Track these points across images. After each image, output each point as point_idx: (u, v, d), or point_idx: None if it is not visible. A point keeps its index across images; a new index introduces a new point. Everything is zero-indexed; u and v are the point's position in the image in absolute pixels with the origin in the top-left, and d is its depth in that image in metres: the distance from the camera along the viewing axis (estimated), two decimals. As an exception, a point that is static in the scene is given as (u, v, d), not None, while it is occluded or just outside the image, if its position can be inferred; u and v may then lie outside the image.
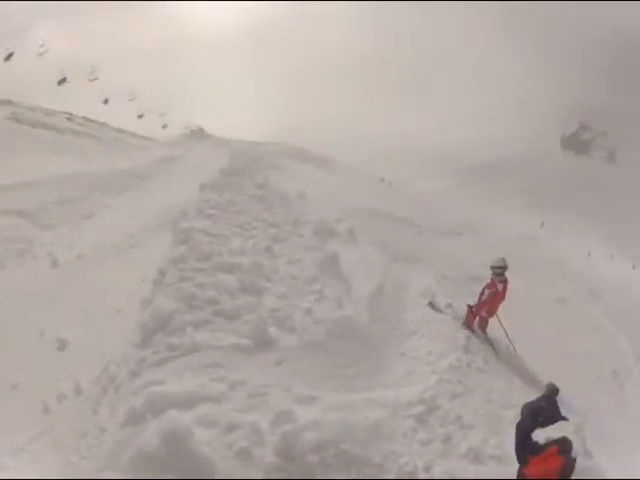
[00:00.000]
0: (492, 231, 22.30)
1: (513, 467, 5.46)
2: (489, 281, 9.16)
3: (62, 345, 7.40)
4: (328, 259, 8.86)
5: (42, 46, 39.72)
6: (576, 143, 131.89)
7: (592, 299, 14.66)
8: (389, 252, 11.92)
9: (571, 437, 2.43)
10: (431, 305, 9.38)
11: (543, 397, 2.66)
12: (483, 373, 7.49)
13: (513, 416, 6.52)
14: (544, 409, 2.58)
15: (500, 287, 9.03)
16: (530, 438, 2.44)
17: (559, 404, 2.69)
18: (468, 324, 9.09)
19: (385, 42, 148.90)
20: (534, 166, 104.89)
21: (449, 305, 9.74)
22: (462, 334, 8.48)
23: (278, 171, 17.23)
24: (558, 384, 7.98)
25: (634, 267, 48.19)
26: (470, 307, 9.21)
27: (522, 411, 2.59)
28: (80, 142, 27.22)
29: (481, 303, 9.11)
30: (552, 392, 2.67)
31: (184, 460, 4.34)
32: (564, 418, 2.59)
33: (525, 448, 2.40)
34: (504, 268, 9.02)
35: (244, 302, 6.86)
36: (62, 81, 38.67)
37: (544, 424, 2.50)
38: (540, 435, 2.46)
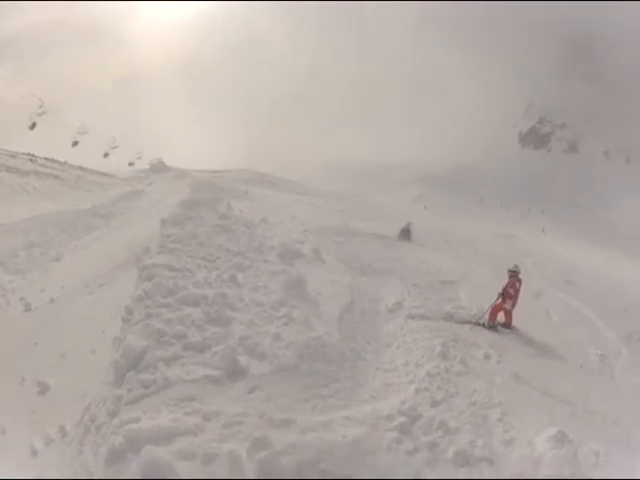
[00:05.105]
0: (462, 235, 22.42)
1: (503, 467, 5.54)
2: (509, 281, 10.44)
3: (43, 389, 7.22)
4: (293, 282, 8.86)
5: None
6: (535, 138, 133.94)
7: (568, 288, 14.86)
8: (356, 267, 11.94)
9: None
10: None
11: None
12: (463, 376, 7.57)
13: (498, 415, 6.64)
14: None
15: (518, 284, 10.43)
16: None
17: None
18: (492, 320, 10.22)
19: (328, 61, 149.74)
20: (495, 167, 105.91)
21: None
22: (438, 341, 8.52)
23: (240, 198, 17.14)
24: (544, 377, 7.73)
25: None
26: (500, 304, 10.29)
27: None
28: (43, 184, 26.59)
29: (512, 297, 10.30)
30: None
31: None
32: None
33: None
34: (517, 271, 10.56)
35: (212, 334, 6.85)
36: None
37: None
38: None
